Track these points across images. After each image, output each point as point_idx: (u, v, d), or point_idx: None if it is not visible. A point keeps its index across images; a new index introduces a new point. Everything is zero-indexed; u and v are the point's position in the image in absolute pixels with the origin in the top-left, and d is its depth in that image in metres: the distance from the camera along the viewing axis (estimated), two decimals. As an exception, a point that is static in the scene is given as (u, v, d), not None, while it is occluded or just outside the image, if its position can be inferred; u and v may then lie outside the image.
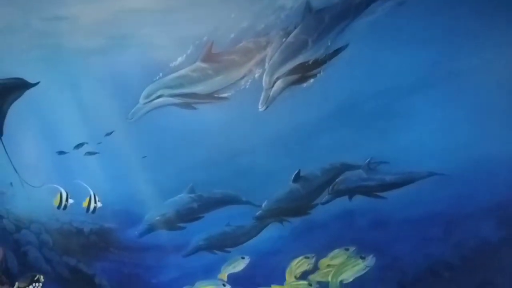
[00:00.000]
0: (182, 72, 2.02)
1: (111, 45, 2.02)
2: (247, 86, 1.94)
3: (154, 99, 2.07)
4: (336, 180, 1.96)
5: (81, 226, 2.36)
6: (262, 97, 1.93)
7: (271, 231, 2.03)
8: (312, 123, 1.90)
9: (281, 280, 2.04)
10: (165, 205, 2.16)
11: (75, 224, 2.38)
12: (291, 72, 1.89)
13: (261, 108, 1.94)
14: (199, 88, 2.01)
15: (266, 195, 2.01)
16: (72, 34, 1.99)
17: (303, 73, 1.87)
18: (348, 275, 2.00)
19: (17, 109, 2.30)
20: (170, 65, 2.01)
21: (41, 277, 2.43)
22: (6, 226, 2.54)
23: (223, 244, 2.10)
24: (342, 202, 1.96)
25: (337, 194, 1.97)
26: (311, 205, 1.96)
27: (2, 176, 2.43)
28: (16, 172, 2.37)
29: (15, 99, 2.27)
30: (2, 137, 2.35)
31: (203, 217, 2.11)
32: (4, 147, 2.35)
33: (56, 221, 2.43)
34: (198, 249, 2.14)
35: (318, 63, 1.81)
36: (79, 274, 2.41)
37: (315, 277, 2.01)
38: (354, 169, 1.95)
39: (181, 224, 2.15)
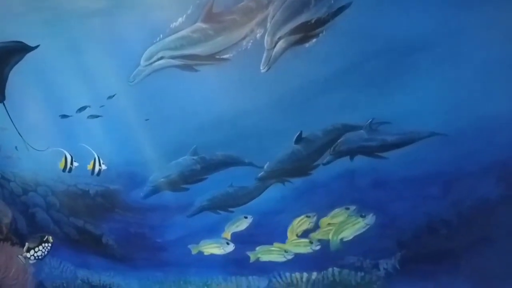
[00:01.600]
0: (182, 33, 2.03)
1: (111, 6, 2.04)
2: (248, 47, 1.96)
3: (155, 61, 2.10)
4: (338, 141, 1.99)
5: (87, 188, 2.46)
6: (264, 58, 1.95)
7: (273, 192, 2.10)
8: (314, 84, 1.92)
9: (283, 238, 2.14)
10: (169, 167, 2.22)
11: (81, 186, 2.48)
12: (293, 31, 1.90)
13: (263, 69, 1.96)
14: (200, 49, 2.04)
15: (268, 156, 2.06)
16: (71, -5, 2.00)
17: (306, 32, 1.88)
18: (348, 233, 2.10)
19: (18, 73, 2.34)
20: (171, 26, 2.02)
21: (50, 237, 2.58)
22: (14, 189, 2.66)
23: (226, 204, 2.18)
24: (343, 163, 2.02)
25: (339, 154, 2.01)
26: (312, 165, 2.02)
27: (7, 141, 2.52)
28: (21, 136, 2.46)
29: (16, 62, 2.32)
30: (5, 102, 2.42)
31: (206, 178, 2.18)
32: (7, 111, 2.42)
33: (62, 184, 2.54)
34: (202, 209, 2.22)
35: (321, 22, 1.82)
36: (87, 234, 2.55)
37: (316, 235, 2.11)
38: (356, 130, 1.98)
39: (185, 186, 2.23)
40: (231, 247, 2.20)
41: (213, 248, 2.24)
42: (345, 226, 2.11)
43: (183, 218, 2.25)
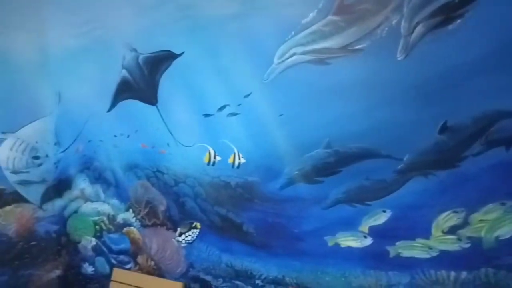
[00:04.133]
0: (313, 27, 2.14)
1: (244, 10, 2.26)
2: (383, 35, 1.97)
3: (287, 58, 2.26)
4: (490, 129, 1.87)
5: (228, 180, 2.79)
6: (400, 45, 1.94)
7: (414, 185, 2.07)
8: (459, 68, 1.84)
9: (426, 233, 2.10)
10: (302, 160, 2.36)
11: (223, 178, 2.82)
12: (433, 14, 1.85)
13: (399, 56, 1.96)
14: (332, 42, 2.12)
15: (408, 148, 2.04)
16: (210, 3, 2.29)
17: (448, 14, 1.81)
18: (505, 231, 1.96)
19: (167, 78, 2.77)
20: (302, 22, 2.15)
21: (198, 224, 3.00)
22: (167, 180, 3.16)
23: (363, 197, 2.22)
24: (497, 153, 1.89)
25: (491, 144, 1.89)
26: (460, 157, 1.93)
27: (160, 139, 3.00)
28: (171, 134, 2.91)
29: (165, 69, 2.75)
30: (157, 104, 2.89)
31: (340, 171, 2.25)
32: (159, 112, 2.88)
33: (207, 176, 2.92)
34: (337, 202, 2.31)
35: (466, 0, 1.74)
36: (229, 222, 2.88)
37: (466, 232, 2.02)
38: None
39: (319, 178, 2.35)
40: (368, 241, 2.25)
41: (350, 241, 2.31)
42: (501, 223, 1.98)
43: (318, 210, 2.36)
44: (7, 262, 3.58)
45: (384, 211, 2.15)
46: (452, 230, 2.02)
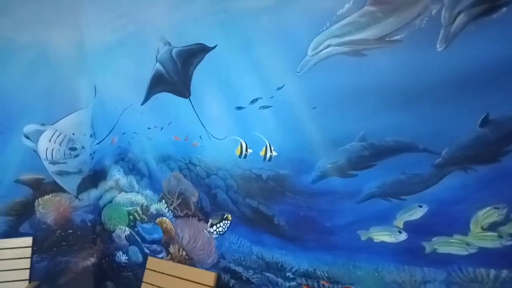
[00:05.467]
0: (349, 19, 2.11)
1: (278, 1, 2.26)
2: (422, 25, 1.93)
3: (321, 50, 2.24)
4: (536, 123, 1.80)
5: (260, 173, 2.80)
6: (441, 35, 1.88)
7: (453, 180, 2.01)
8: (503, 59, 1.78)
9: (464, 230, 2.04)
10: (336, 153, 2.34)
11: (254, 170, 2.84)
12: (476, 2, 1.79)
13: (439, 47, 1.90)
14: (368, 33, 2.09)
15: (446, 141, 1.99)
16: (243, -4, 2.28)
17: (493, 2, 1.75)
18: (551, 230, 1.89)
19: (200, 71, 2.80)
20: (337, 12, 2.12)
21: (229, 215, 3.04)
22: (199, 172, 3.21)
23: (398, 191, 2.18)
24: (543, 148, 1.81)
25: (536, 139, 1.82)
26: (502, 151, 1.87)
27: (193, 132, 3.05)
28: (204, 127, 2.95)
29: (198, 62, 2.78)
30: (190, 97, 2.92)
31: (375, 165, 2.22)
32: (192, 106, 2.92)
33: (238, 168, 2.94)
34: (371, 196, 2.28)
35: (513, -13, 1.67)
36: (260, 215, 2.90)
37: (507, 229, 1.96)
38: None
39: (353, 172, 2.33)
40: (403, 236, 2.22)
41: (383, 235, 2.28)
42: (546, 221, 1.90)
43: (351, 204, 2.34)
44: (46, 249, 3.75)
45: (421, 206, 2.11)
46: (493, 227, 1.96)
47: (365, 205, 2.34)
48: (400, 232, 2.25)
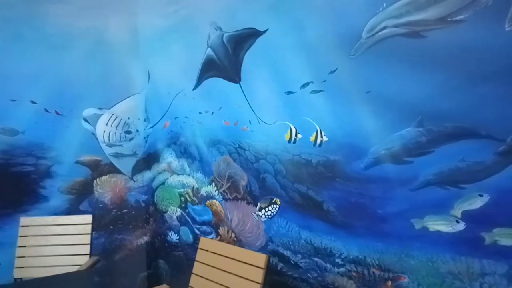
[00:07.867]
0: (408, -2, 2.03)
1: (332, -18, 2.19)
2: (489, 4, 1.82)
3: (377, 31, 2.18)
4: None
5: (309, 158, 2.79)
6: (510, 14, 1.78)
7: (517, 168, 1.91)
8: None
9: (529, 222, 1.94)
10: (391, 139, 2.28)
11: (304, 156, 2.84)
12: (554, -24, 1.65)
13: (508, 27, 1.80)
14: (428, 14, 2.00)
15: (511, 128, 1.89)
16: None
17: None
18: None
19: (250, 56, 2.82)
20: (396, -7, 2.04)
21: (278, 200, 3.07)
22: (248, 157, 3.26)
23: (457, 179, 2.09)
24: None
25: None
26: None
27: (242, 116, 3.09)
28: (253, 111, 2.97)
29: (249, 47, 2.79)
30: (240, 82, 2.96)
31: (433, 151, 2.14)
32: (242, 90, 2.96)
33: (287, 153, 2.96)
34: (427, 184, 2.21)
35: None
36: (309, 200, 2.91)
37: None
38: None
39: (408, 158, 2.26)
40: (461, 226, 2.14)
41: (439, 225, 2.21)
42: None
43: (405, 192, 2.28)
44: (103, 227, 4.00)
45: (481, 195, 2.02)
46: (562, 219, 1.83)
47: (420, 193, 2.28)
48: (457, 221, 2.17)
